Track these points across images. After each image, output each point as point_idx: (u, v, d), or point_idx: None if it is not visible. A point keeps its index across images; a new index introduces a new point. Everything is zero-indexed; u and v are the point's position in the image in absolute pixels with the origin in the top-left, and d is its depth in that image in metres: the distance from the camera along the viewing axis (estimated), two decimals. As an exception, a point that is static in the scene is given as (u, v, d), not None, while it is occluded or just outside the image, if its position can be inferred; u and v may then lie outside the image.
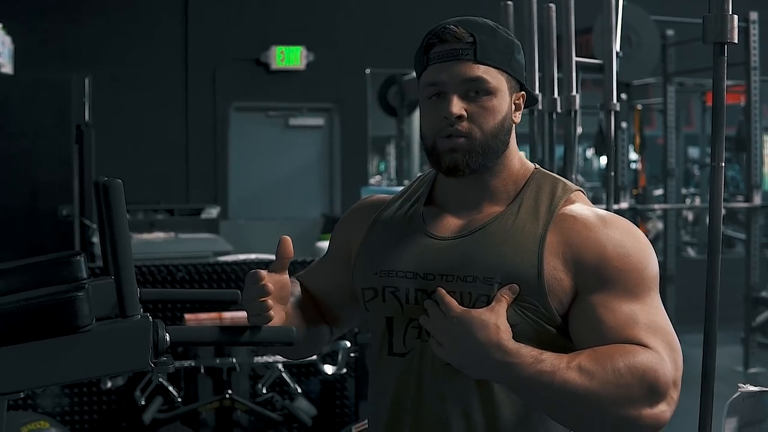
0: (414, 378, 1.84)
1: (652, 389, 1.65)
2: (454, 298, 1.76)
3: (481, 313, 1.70)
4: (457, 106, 1.79)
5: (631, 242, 1.78)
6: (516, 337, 1.70)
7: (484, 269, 1.77)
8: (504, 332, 1.68)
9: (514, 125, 1.88)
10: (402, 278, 1.84)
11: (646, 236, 1.85)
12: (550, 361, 1.66)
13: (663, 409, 1.66)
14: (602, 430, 1.74)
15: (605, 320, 1.72)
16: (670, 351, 1.70)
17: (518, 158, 1.91)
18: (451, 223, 1.87)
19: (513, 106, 1.87)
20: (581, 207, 1.84)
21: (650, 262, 1.78)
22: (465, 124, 1.80)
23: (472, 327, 1.69)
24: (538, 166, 1.94)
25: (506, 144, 1.86)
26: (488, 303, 1.74)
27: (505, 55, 1.83)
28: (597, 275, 1.75)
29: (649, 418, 1.66)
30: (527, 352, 1.67)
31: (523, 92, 1.89)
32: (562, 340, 1.77)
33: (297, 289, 2.00)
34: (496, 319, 1.69)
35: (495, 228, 1.82)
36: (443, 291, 1.76)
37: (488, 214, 1.85)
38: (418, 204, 1.94)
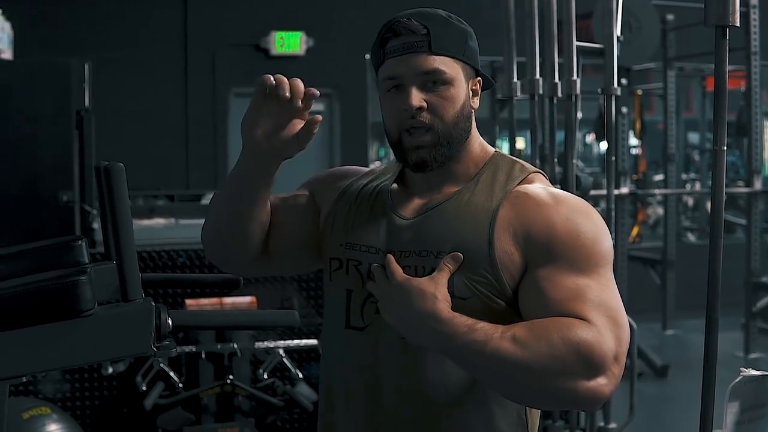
0: (371, 351, 1.89)
1: (587, 362, 1.66)
2: (409, 273, 1.82)
3: (421, 282, 1.75)
4: (417, 98, 1.84)
5: (582, 219, 1.81)
6: (466, 311, 1.75)
7: (436, 243, 1.83)
8: (441, 302, 1.73)
9: (473, 111, 1.93)
10: (365, 253, 1.91)
11: (646, 222, 1.86)
12: (483, 330, 1.69)
13: (602, 383, 1.66)
14: (541, 401, 1.80)
15: (549, 293, 1.75)
16: (613, 326, 1.71)
17: (479, 142, 1.97)
18: (415, 204, 1.93)
19: (471, 93, 1.92)
20: (536, 186, 1.88)
21: (601, 238, 1.80)
22: (426, 115, 1.85)
23: (411, 295, 1.75)
24: (498, 149, 2.00)
25: (468, 131, 1.92)
26: None
27: (459, 44, 1.88)
28: (545, 250, 1.78)
29: (587, 390, 1.66)
30: (462, 321, 1.71)
31: (479, 78, 1.95)
32: (513, 315, 1.80)
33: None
34: (434, 288, 1.74)
35: (450, 205, 1.88)
36: (391, 257, 1.82)
37: (447, 194, 1.91)
38: (388, 182, 2.00)
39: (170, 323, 1.63)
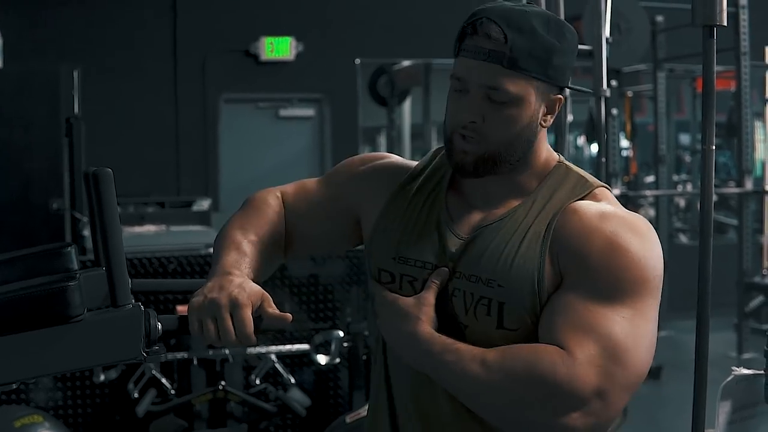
0: (387, 368, 1.90)
1: (550, 396, 1.58)
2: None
3: (407, 303, 1.75)
4: (473, 111, 1.71)
5: (627, 238, 1.67)
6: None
7: (487, 270, 1.72)
8: (423, 323, 1.72)
9: (541, 128, 1.79)
10: (420, 269, 1.80)
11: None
12: (458, 351, 1.67)
13: (575, 417, 1.59)
14: (511, 427, 1.70)
15: (556, 316, 1.66)
16: (604, 361, 1.59)
17: (545, 150, 1.83)
18: (472, 218, 1.81)
19: (544, 109, 1.76)
20: (590, 203, 1.74)
21: (645, 263, 1.68)
22: (479, 129, 1.72)
23: (397, 316, 1.76)
24: (562, 158, 1.86)
25: (526, 150, 1.77)
26: (488, 307, 1.72)
27: (541, 61, 1.69)
28: (574, 270, 1.68)
29: (555, 426, 1.60)
30: (439, 341, 1.69)
31: (561, 95, 1.78)
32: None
33: (273, 208, 1.99)
34: (418, 310, 1.73)
35: (504, 225, 1.76)
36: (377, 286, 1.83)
37: (504, 211, 1.79)
38: (440, 187, 1.88)
39: (160, 328, 1.62)
